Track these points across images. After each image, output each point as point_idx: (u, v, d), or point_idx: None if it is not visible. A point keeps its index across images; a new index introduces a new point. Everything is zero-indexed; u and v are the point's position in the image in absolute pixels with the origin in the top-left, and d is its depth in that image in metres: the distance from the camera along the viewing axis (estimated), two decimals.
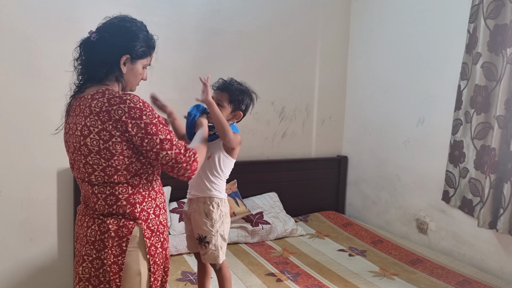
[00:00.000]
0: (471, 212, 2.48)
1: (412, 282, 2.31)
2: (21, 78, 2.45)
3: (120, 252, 1.39)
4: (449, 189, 2.62)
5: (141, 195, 1.44)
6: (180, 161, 1.40)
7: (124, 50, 1.43)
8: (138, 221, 1.42)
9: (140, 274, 1.42)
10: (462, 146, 2.51)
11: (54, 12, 2.49)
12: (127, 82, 1.49)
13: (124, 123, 1.34)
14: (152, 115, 1.38)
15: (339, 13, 3.42)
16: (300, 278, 2.33)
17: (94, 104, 1.36)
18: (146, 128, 1.35)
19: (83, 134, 1.37)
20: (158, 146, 1.37)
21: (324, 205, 3.46)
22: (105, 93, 1.38)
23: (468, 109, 2.47)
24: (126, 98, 1.35)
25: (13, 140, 2.47)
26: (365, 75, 3.36)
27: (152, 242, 1.45)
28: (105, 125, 1.34)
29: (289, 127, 3.34)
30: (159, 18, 2.76)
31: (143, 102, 1.38)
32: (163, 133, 1.38)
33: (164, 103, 1.86)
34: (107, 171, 1.38)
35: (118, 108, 1.34)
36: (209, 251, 1.85)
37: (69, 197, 2.64)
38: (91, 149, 1.37)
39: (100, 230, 1.40)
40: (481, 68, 2.36)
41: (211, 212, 1.84)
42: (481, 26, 2.35)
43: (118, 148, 1.36)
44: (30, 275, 2.59)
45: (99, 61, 1.42)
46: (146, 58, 1.51)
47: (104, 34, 1.43)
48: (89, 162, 1.39)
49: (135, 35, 1.46)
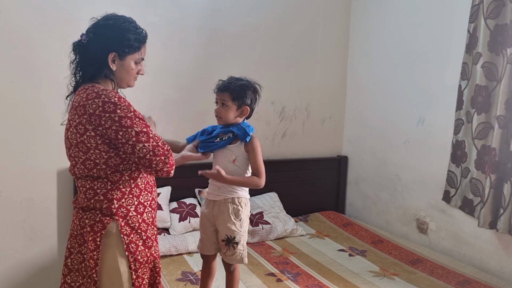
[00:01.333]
0: (471, 212, 2.47)
1: (412, 282, 2.31)
2: (21, 78, 2.45)
3: (94, 247, 1.40)
4: (450, 189, 2.62)
5: (120, 191, 1.44)
6: (158, 153, 1.38)
7: (110, 48, 1.44)
8: (114, 217, 1.42)
9: (120, 271, 1.42)
10: (464, 146, 2.51)
11: (54, 12, 2.49)
12: (120, 79, 1.50)
13: (98, 117, 1.35)
14: (127, 109, 1.37)
15: (339, 13, 3.42)
16: (300, 278, 2.33)
17: (75, 99, 1.41)
18: (121, 121, 1.35)
19: (66, 127, 1.44)
20: (134, 139, 1.36)
21: (324, 205, 3.46)
22: (88, 89, 1.40)
23: (469, 109, 2.47)
24: (102, 93, 1.37)
25: (13, 140, 2.47)
26: (365, 75, 3.36)
27: (132, 239, 1.45)
28: (81, 119, 1.37)
29: (289, 127, 3.34)
30: (159, 18, 2.77)
31: (119, 97, 1.38)
32: (138, 126, 1.37)
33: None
34: (87, 164, 1.41)
35: (93, 102, 1.35)
36: (237, 251, 1.84)
37: (69, 197, 2.64)
38: (71, 142, 1.42)
39: (80, 224, 1.44)
40: (482, 68, 2.36)
41: (240, 212, 1.84)
42: (481, 26, 2.35)
43: (92, 142, 1.38)
44: (30, 275, 2.59)
45: (89, 61, 1.45)
46: (135, 53, 1.50)
47: (90, 35, 1.46)
48: (72, 155, 1.44)
49: (120, 31, 1.46)
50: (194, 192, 2.96)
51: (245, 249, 1.87)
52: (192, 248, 2.56)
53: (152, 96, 2.77)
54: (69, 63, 1.50)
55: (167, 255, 2.51)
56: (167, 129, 2.84)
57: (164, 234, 2.66)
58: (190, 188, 2.94)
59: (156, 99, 2.83)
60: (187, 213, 2.78)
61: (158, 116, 2.83)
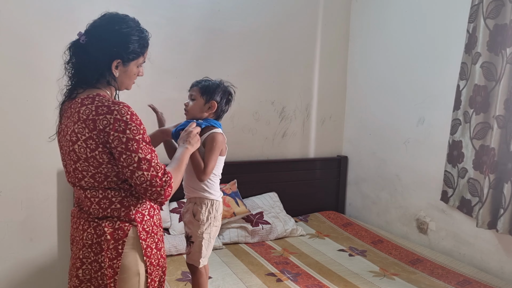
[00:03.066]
0: (469, 213, 2.47)
1: (412, 282, 2.31)
2: (21, 78, 2.45)
3: (116, 255, 1.38)
4: (447, 189, 2.62)
5: (134, 197, 1.42)
6: (155, 184, 1.33)
7: (115, 55, 1.38)
8: (133, 222, 1.41)
9: (139, 274, 1.42)
10: (461, 146, 2.51)
11: (54, 12, 2.49)
12: (121, 83, 1.46)
13: (107, 134, 1.30)
14: (137, 131, 1.32)
15: (339, 13, 3.42)
16: (300, 278, 2.33)
17: (82, 111, 1.33)
18: (127, 144, 1.30)
19: (71, 139, 1.35)
20: (135, 165, 1.31)
21: (324, 205, 3.46)
22: (95, 100, 1.34)
23: (467, 109, 2.47)
24: (114, 108, 1.31)
25: (13, 140, 2.47)
26: (365, 75, 3.36)
27: (148, 244, 1.44)
28: (92, 134, 1.31)
29: (289, 127, 3.34)
30: (159, 18, 2.77)
31: (131, 114, 1.32)
32: (143, 152, 1.32)
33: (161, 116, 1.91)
34: (97, 177, 1.36)
35: (104, 118, 1.30)
36: (192, 251, 1.86)
37: (69, 197, 2.64)
38: (79, 156, 1.34)
39: (97, 233, 1.38)
40: (481, 68, 2.36)
41: (198, 213, 1.84)
42: (480, 26, 2.35)
43: (105, 158, 1.33)
44: (30, 275, 2.59)
45: (89, 66, 1.38)
46: (139, 58, 1.46)
47: (92, 39, 1.38)
48: (78, 168, 1.36)
49: (126, 38, 1.39)
50: None
51: (201, 252, 1.83)
52: None
53: (152, 96, 2.77)
54: (64, 63, 1.43)
55: (167, 255, 2.50)
56: None
57: (164, 234, 2.66)
58: None
59: (156, 99, 2.82)
60: None
61: None
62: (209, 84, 1.86)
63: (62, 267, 2.66)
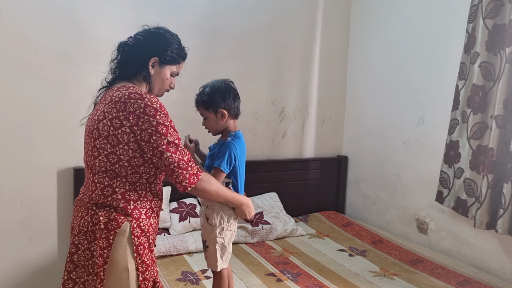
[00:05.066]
0: (465, 213, 2.47)
1: (412, 282, 2.30)
2: (21, 78, 2.45)
3: (106, 245, 1.42)
4: (443, 190, 2.61)
5: (137, 193, 1.47)
6: (182, 166, 1.43)
7: (154, 52, 1.52)
8: (129, 217, 1.45)
9: (128, 270, 1.43)
10: (458, 146, 2.50)
11: (54, 12, 2.49)
12: (154, 85, 1.56)
13: (137, 117, 1.39)
14: (166, 118, 1.42)
15: (339, 13, 3.42)
16: (300, 278, 2.33)
17: (115, 94, 1.43)
18: (157, 127, 1.39)
19: (98, 118, 1.44)
20: (164, 146, 1.40)
21: (324, 205, 3.46)
22: (129, 88, 1.45)
23: (465, 108, 2.46)
24: (145, 96, 1.41)
25: (13, 140, 2.47)
26: (365, 75, 3.36)
27: (141, 242, 1.47)
28: (119, 113, 1.40)
29: (289, 127, 3.34)
30: (159, 18, 2.75)
31: (160, 104, 1.43)
32: (172, 136, 1.42)
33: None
34: (110, 158, 1.42)
35: (135, 102, 1.39)
36: (208, 255, 1.84)
37: (69, 197, 2.64)
38: (101, 133, 1.42)
39: (92, 221, 1.44)
40: (479, 68, 2.35)
41: (210, 217, 1.80)
42: (479, 25, 2.35)
43: (125, 138, 1.40)
44: (30, 275, 2.59)
45: (130, 61, 1.52)
46: (174, 65, 1.58)
47: (138, 38, 1.53)
48: (96, 146, 1.43)
49: (167, 41, 1.55)
50: None
51: (216, 256, 1.80)
52: (192, 248, 2.57)
53: None
54: (110, 60, 1.56)
55: (167, 255, 2.51)
56: None
57: (164, 234, 2.66)
58: None
59: None
60: (187, 213, 2.78)
61: None
62: (206, 96, 1.80)
63: (62, 267, 2.65)
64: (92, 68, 2.61)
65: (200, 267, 2.38)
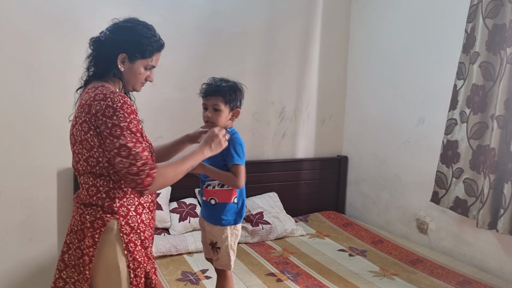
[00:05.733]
0: (465, 213, 2.46)
1: (412, 282, 2.30)
2: (21, 78, 2.45)
3: (92, 243, 1.41)
4: (439, 190, 2.60)
5: (122, 190, 1.45)
6: (131, 172, 1.34)
7: (122, 49, 1.46)
8: (115, 215, 1.43)
9: (119, 268, 1.42)
10: (456, 146, 2.50)
11: (54, 12, 2.49)
12: (127, 81, 1.51)
13: (97, 118, 1.36)
14: (123, 118, 1.35)
15: (339, 13, 3.42)
16: (300, 278, 2.33)
17: (84, 98, 1.42)
18: (112, 129, 1.34)
19: (72, 123, 1.45)
20: (116, 150, 1.34)
21: (324, 205, 3.46)
22: (97, 89, 1.42)
23: (464, 108, 2.46)
24: (108, 96, 1.37)
25: (13, 140, 2.47)
26: (365, 75, 3.36)
27: (131, 239, 1.45)
28: (86, 117, 1.39)
29: (289, 127, 3.34)
30: (159, 18, 2.76)
31: (123, 102, 1.36)
32: (125, 139, 1.34)
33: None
34: (89, 161, 1.42)
35: (98, 104, 1.37)
36: (220, 256, 1.83)
37: (69, 197, 2.64)
38: (76, 138, 1.43)
39: (81, 220, 1.44)
40: (479, 68, 2.35)
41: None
42: (479, 25, 2.35)
43: (96, 141, 1.39)
44: (30, 275, 2.59)
45: (101, 58, 1.48)
46: (146, 59, 1.49)
47: (107, 33, 1.48)
48: (75, 151, 1.45)
49: (136, 34, 1.47)
50: (194, 192, 2.96)
51: (229, 255, 1.82)
52: (192, 248, 2.57)
53: (152, 96, 2.77)
54: (85, 57, 1.52)
55: (167, 255, 2.51)
56: (167, 129, 2.85)
57: (164, 234, 2.66)
58: (190, 188, 2.94)
59: (156, 99, 2.83)
60: (187, 213, 2.78)
61: (158, 116, 2.85)
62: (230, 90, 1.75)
63: None
64: None
65: (200, 267, 2.38)
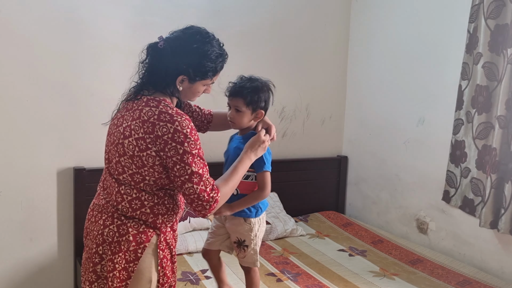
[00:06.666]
0: (472, 212, 2.47)
1: (412, 282, 2.31)
2: (21, 78, 2.45)
3: (134, 258, 1.37)
4: (449, 189, 2.62)
5: (165, 207, 1.43)
6: (202, 198, 1.36)
7: (182, 71, 1.40)
8: (157, 231, 1.42)
9: (151, 282, 1.41)
10: (463, 146, 2.51)
11: (54, 12, 2.49)
12: (184, 96, 1.49)
13: (165, 142, 1.32)
14: (194, 145, 1.35)
15: (339, 13, 3.42)
16: (300, 278, 2.33)
17: (145, 111, 1.35)
18: (183, 155, 1.33)
19: (124, 133, 1.37)
20: (187, 177, 1.34)
21: (324, 205, 3.46)
22: (160, 105, 1.36)
23: (469, 109, 2.47)
24: (176, 119, 1.33)
25: (13, 140, 2.47)
26: (365, 75, 3.36)
27: (165, 255, 1.44)
28: (146, 135, 1.33)
29: (289, 127, 3.34)
30: (159, 18, 2.76)
31: (191, 128, 1.35)
32: (196, 166, 1.35)
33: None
34: (135, 177, 1.37)
35: (165, 126, 1.32)
36: (248, 254, 1.82)
37: (69, 197, 2.64)
38: (126, 151, 1.36)
39: (119, 231, 1.38)
40: (482, 68, 2.36)
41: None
42: (481, 26, 2.35)
43: (150, 161, 1.35)
44: (30, 275, 2.59)
45: (159, 72, 1.41)
46: (207, 80, 1.46)
47: (168, 48, 1.39)
48: (121, 163, 1.38)
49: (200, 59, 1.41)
50: None
51: (256, 253, 1.83)
52: (192, 248, 2.57)
53: None
54: (139, 62, 1.46)
55: None
56: None
57: None
58: None
59: None
60: (187, 213, 2.78)
61: None
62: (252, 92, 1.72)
63: (62, 267, 2.66)
64: (92, 68, 2.61)
65: (200, 267, 2.38)
